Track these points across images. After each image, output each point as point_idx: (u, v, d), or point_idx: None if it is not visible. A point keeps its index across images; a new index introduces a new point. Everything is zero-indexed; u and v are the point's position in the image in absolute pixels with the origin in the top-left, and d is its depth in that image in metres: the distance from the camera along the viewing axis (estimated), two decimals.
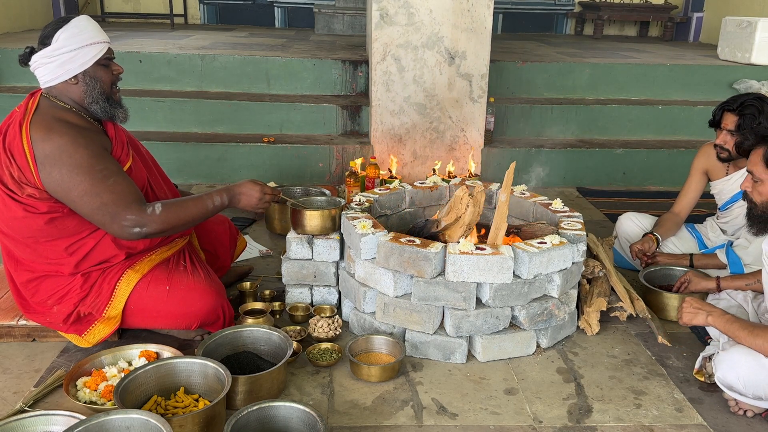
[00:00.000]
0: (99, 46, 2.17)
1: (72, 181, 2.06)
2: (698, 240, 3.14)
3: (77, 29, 2.13)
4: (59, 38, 2.11)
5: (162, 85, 4.94)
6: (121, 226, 2.11)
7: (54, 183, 2.07)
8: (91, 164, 2.08)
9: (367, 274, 2.45)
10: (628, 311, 2.64)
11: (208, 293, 2.32)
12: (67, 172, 2.06)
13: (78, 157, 2.07)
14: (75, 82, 2.17)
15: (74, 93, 2.18)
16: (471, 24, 3.98)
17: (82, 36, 2.13)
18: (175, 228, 2.22)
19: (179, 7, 8.11)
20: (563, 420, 2.09)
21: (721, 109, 2.83)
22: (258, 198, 2.36)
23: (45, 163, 2.06)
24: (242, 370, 2.12)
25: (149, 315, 2.31)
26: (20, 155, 2.07)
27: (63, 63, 2.12)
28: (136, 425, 1.69)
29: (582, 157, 4.69)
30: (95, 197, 2.07)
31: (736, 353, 2.03)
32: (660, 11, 8.23)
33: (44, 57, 2.12)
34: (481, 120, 4.24)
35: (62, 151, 2.06)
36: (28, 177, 2.08)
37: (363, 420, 2.06)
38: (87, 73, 2.17)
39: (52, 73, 2.14)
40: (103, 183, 2.08)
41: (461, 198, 2.48)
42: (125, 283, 2.26)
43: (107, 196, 2.08)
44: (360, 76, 5.03)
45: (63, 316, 2.24)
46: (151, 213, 2.13)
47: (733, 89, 5.31)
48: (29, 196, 2.11)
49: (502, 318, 2.37)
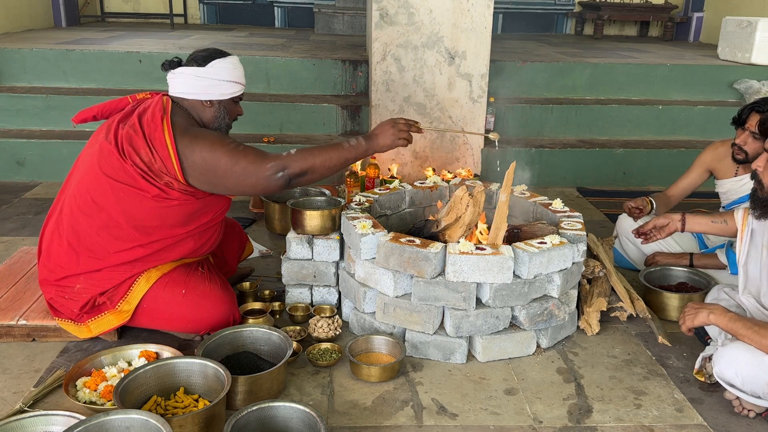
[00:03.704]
0: (240, 86, 2.44)
1: (212, 157, 2.22)
2: (699, 240, 3.14)
3: (232, 66, 2.40)
4: (215, 65, 2.36)
5: (162, 85, 4.84)
6: (266, 176, 2.24)
7: (196, 165, 2.22)
8: (221, 140, 2.27)
9: (367, 274, 2.44)
10: (628, 311, 2.64)
11: (222, 302, 2.36)
12: (206, 152, 2.22)
13: (208, 138, 2.26)
14: (210, 105, 2.40)
15: (205, 113, 2.41)
16: (471, 24, 3.97)
17: (233, 72, 2.40)
18: (315, 169, 2.30)
19: (179, 7, 8.10)
20: (563, 420, 2.09)
21: (750, 110, 2.77)
22: (393, 133, 2.40)
23: (185, 153, 2.22)
24: (242, 370, 2.12)
25: (161, 316, 2.33)
26: (162, 147, 2.21)
27: (207, 86, 2.36)
28: (136, 425, 1.69)
29: (582, 157, 4.69)
30: (236, 164, 2.22)
31: (735, 349, 2.02)
32: (660, 11, 8.22)
33: (193, 73, 2.35)
34: (481, 120, 4.24)
35: (194, 136, 2.25)
36: (168, 167, 2.22)
37: (363, 420, 2.05)
38: (222, 103, 2.41)
39: (193, 89, 2.37)
40: (236, 152, 2.24)
41: (461, 198, 2.47)
42: (145, 280, 2.29)
43: (243, 160, 2.23)
44: (360, 76, 5.03)
45: (82, 301, 2.27)
46: (287, 155, 2.28)
47: (733, 89, 5.31)
48: (166, 184, 2.24)
49: (502, 318, 2.37)
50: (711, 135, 4.98)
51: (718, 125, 5.03)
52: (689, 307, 2.21)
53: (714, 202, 3.17)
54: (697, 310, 2.17)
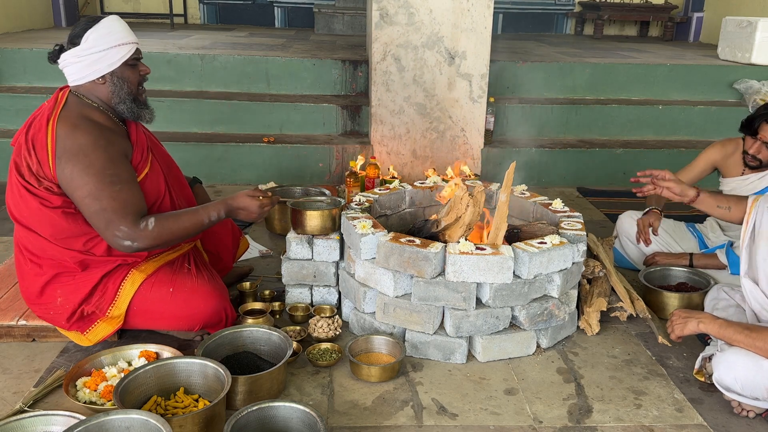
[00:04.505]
0: (127, 47, 2.19)
1: (80, 180, 2.07)
2: (699, 239, 3.14)
3: (107, 30, 2.15)
4: (89, 38, 2.13)
5: (162, 85, 4.94)
6: (113, 235, 2.10)
7: (65, 179, 2.09)
8: (104, 167, 2.09)
9: (367, 274, 2.44)
10: (628, 311, 2.64)
11: (211, 296, 2.33)
12: (79, 170, 2.07)
13: (93, 157, 2.08)
14: (102, 82, 2.19)
15: (101, 92, 2.21)
16: (471, 24, 3.97)
17: (111, 37, 2.15)
18: (167, 243, 2.21)
19: (179, 7, 8.11)
20: (563, 420, 2.09)
21: (761, 119, 2.75)
22: (257, 210, 2.32)
23: (62, 157, 2.07)
24: (242, 370, 2.12)
25: (152, 316, 2.31)
26: (42, 148, 2.10)
27: (91, 63, 2.15)
28: (136, 425, 1.69)
29: (582, 157, 4.69)
30: (96, 201, 2.08)
31: (733, 354, 2.02)
32: (660, 11, 8.23)
33: (73, 56, 2.15)
34: (481, 120, 4.24)
35: (80, 149, 2.08)
36: (46, 171, 2.10)
37: (363, 420, 2.05)
38: (114, 74, 2.19)
39: (80, 72, 2.17)
40: (108, 188, 2.08)
41: (461, 198, 2.47)
42: (130, 283, 2.26)
43: (107, 202, 2.08)
44: (360, 76, 5.03)
45: (67, 313, 2.24)
46: (144, 228, 2.11)
47: (733, 89, 5.31)
48: (46, 189, 2.13)
49: (502, 318, 2.37)
50: (711, 135, 4.99)
51: (718, 125, 5.04)
52: (676, 315, 2.20)
53: None
54: (685, 319, 2.15)
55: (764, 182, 2.85)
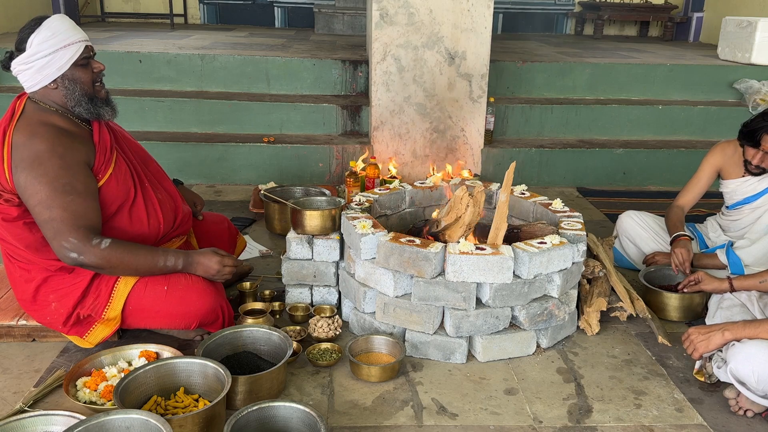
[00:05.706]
0: (74, 47, 2.09)
1: (33, 188, 2.02)
2: (699, 239, 3.14)
3: (50, 32, 2.05)
4: (33, 43, 2.04)
5: (162, 85, 4.94)
6: (61, 245, 2.04)
7: (20, 187, 2.04)
8: (57, 175, 2.02)
9: (367, 274, 2.45)
10: (628, 311, 2.64)
11: (206, 293, 2.31)
12: (32, 178, 2.01)
13: (48, 165, 2.02)
14: (55, 87, 2.11)
15: (56, 97, 2.14)
16: (471, 24, 3.98)
17: (55, 39, 2.05)
18: (115, 270, 2.15)
19: (179, 7, 8.11)
20: (563, 420, 2.09)
21: (764, 132, 2.69)
22: (216, 270, 2.30)
23: (18, 166, 2.02)
24: (242, 370, 2.12)
25: (148, 315, 2.30)
26: None
27: (40, 68, 2.07)
28: (136, 425, 1.69)
29: (582, 157, 4.69)
30: (46, 210, 2.02)
31: (754, 346, 2.01)
32: (660, 11, 8.22)
33: (21, 63, 2.08)
34: (481, 120, 4.24)
35: (36, 157, 2.02)
36: (3, 182, 2.06)
37: (363, 420, 2.05)
38: (65, 77, 2.10)
39: (32, 79, 2.10)
40: (59, 197, 2.02)
41: (461, 198, 2.47)
42: (123, 284, 2.25)
43: (57, 212, 2.02)
44: (360, 76, 5.03)
45: (62, 317, 2.23)
46: (95, 245, 2.06)
47: (733, 89, 5.31)
48: (6, 201, 2.09)
49: (502, 318, 2.37)
50: (711, 135, 4.99)
51: (718, 125, 5.04)
52: (694, 334, 2.16)
53: (714, 202, 3.16)
54: (707, 335, 2.12)
55: (764, 183, 2.85)
